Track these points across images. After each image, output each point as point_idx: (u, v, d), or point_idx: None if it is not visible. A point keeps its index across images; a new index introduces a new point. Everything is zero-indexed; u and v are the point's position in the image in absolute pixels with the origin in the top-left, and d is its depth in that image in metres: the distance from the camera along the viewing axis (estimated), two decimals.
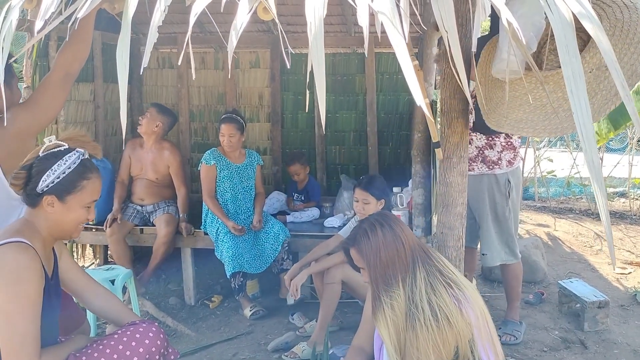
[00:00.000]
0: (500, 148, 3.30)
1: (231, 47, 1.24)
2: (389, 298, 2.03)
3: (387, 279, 2.06)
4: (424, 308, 1.95)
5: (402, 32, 1.20)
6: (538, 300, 4.00)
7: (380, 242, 2.08)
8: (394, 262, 2.06)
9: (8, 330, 1.69)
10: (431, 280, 2.02)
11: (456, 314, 1.93)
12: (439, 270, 2.06)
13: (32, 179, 1.85)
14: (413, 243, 2.13)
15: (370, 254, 2.09)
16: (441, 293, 1.98)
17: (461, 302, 1.97)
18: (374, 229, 2.12)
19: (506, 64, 1.69)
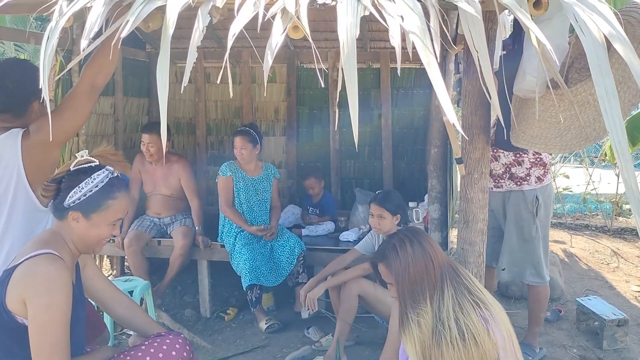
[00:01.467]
0: (528, 164, 3.20)
1: (267, 67, 1.27)
2: (416, 315, 2.02)
3: (415, 295, 2.05)
4: (451, 326, 1.94)
5: (433, 50, 1.23)
6: (555, 317, 3.97)
7: (410, 258, 2.08)
8: (422, 278, 2.06)
9: (40, 341, 1.72)
10: (459, 299, 2.01)
11: (483, 334, 1.92)
12: (467, 288, 2.05)
13: (60, 193, 1.89)
14: (442, 260, 2.12)
15: (399, 270, 2.09)
16: (469, 312, 1.97)
17: (488, 322, 1.96)
18: (403, 244, 2.11)
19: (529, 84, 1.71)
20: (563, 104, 1.78)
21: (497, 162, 3.25)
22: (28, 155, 2.07)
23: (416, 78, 5.13)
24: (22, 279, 1.76)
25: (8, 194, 2.09)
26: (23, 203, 2.09)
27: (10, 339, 1.78)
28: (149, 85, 5.31)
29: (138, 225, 4.24)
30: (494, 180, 3.28)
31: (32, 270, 1.76)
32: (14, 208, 2.09)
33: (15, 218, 2.10)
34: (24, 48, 14.82)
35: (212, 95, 5.46)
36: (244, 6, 1.36)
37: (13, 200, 2.09)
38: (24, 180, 2.08)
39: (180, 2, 1.35)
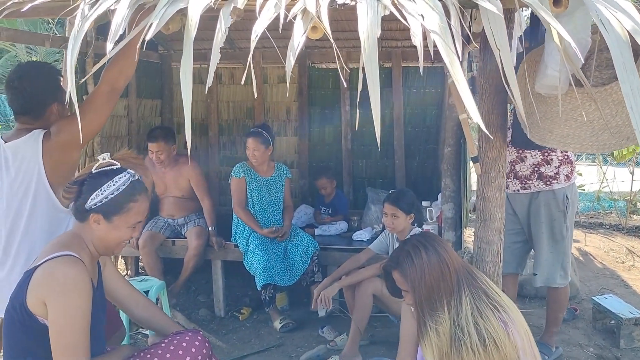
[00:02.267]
0: (557, 163, 3.12)
1: (289, 67, 1.27)
2: (434, 322, 2.00)
3: (432, 302, 2.03)
4: (471, 332, 1.93)
5: (455, 49, 1.23)
6: (571, 316, 3.95)
7: (425, 265, 2.05)
8: (438, 285, 2.03)
9: (60, 342, 1.74)
10: (477, 304, 1.99)
11: (504, 338, 1.91)
12: (484, 292, 2.04)
13: (82, 195, 1.90)
14: (458, 265, 2.10)
15: (414, 278, 2.06)
16: (488, 316, 1.95)
17: (508, 325, 1.94)
18: (418, 251, 2.09)
19: (551, 79, 1.70)
20: (593, 102, 1.76)
21: (523, 163, 3.19)
22: (49, 156, 2.10)
23: (428, 77, 5.12)
24: (42, 281, 1.78)
25: (29, 195, 2.12)
26: (44, 204, 2.12)
27: (32, 339, 1.80)
28: (161, 87, 5.34)
29: (152, 225, 4.27)
30: (521, 181, 3.22)
31: (52, 272, 1.78)
32: (35, 209, 2.12)
33: (36, 219, 2.12)
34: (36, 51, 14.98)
35: (224, 96, 5.48)
36: (265, 7, 1.37)
37: (34, 201, 2.12)
38: (45, 181, 2.11)
39: (201, 4, 1.36)
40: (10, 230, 2.15)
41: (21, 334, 1.81)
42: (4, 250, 2.19)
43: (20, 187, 2.13)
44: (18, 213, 2.13)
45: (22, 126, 2.21)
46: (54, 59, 13.04)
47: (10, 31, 3.46)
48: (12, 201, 2.13)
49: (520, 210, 3.26)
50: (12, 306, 1.82)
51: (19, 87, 2.20)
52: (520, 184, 3.23)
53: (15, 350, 1.83)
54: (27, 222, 2.13)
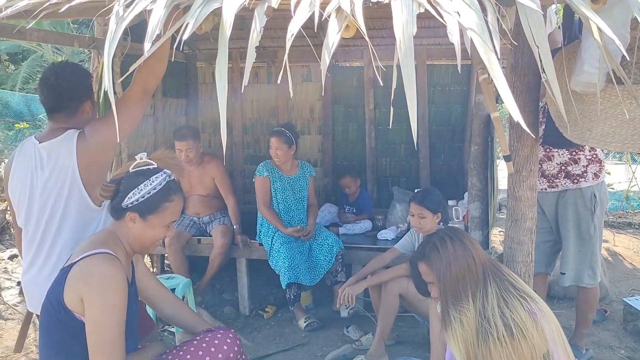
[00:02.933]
0: (585, 162, 3.10)
1: (324, 66, 1.27)
2: (459, 313, 2.00)
3: (457, 293, 2.03)
4: (497, 323, 1.92)
5: (493, 47, 1.21)
6: (601, 318, 3.87)
7: (451, 255, 2.06)
8: (464, 276, 2.04)
9: (96, 339, 1.76)
10: (504, 295, 1.98)
11: (531, 328, 1.90)
12: (511, 284, 2.03)
13: (119, 194, 1.93)
14: (483, 257, 2.10)
15: (440, 268, 2.07)
16: (515, 307, 1.94)
17: (536, 315, 1.93)
18: (444, 242, 2.10)
19: (589, 76, 1.66)
20: (634, 100, 1.72)
21: (550, 162, 3.16)
22: (83, 156, 2.13)
23: (453, 74, 5.07)
24: (79, 278, 1.80)
25: (63, 193, 2.15)
26: (77, 202, 2.15)
27: (70, 336, 1.83)
28: (187, 86, 5.38)
29: (178, 224, 4.30)
30: (548, 180, 3.19)
31: (89, 269, 1.80)
32: (68, 207, 2.15)
33: (68, 218, 2.16)
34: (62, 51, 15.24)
35: (248, 95, 5.50)
36: (300, 6, 1.37)
37: (67, 200, 2.15)
38: (79, 180, 2.13)
39: (236, 4, 1.36)
40: (45, 229, 2.18)
41: (58, 330, 1.84)
42: (37, 249, 2.22)
43: (54, 187, 2.16)
44: (52, 212, 2.17)
45: (56, 125, 2.25)
46: (79, 59, 13.28)
47: (40, 32, 3.51)
48: (47, 201, 2.17)
49: (548, 209, 3.24)
50: (49, 303, 1.86)
51: (55, 83, 2.24)
52: (548, 183, 3.19)
53: (52, 347, 1.86)
54: (60, 221, 2.16)
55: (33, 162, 2.21)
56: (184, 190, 4.32)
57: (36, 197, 2.19)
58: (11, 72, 16.69)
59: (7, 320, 3.91)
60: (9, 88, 14.84)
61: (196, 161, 4.26)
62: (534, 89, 2.21)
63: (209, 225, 4.38)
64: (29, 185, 2.21)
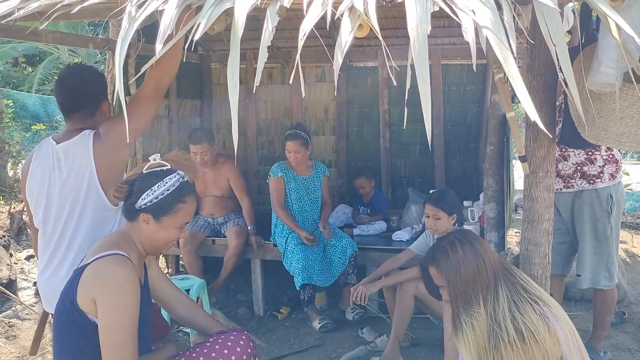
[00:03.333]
0: (602, 162, 3.07)
1: (337, 65, 1.26)
2: (469, 317, 1.97)
3: (468, 297, 2.00)
4: (508, 327, 1.89)
5: (509, 46, 1.19)
6: (619, 320, 3.81)
7: (460, 259, 2.03)
8: (474, 280, 2.00)
9: (109, 340, 1.76)
10: (515, 299, 1.95)
11: (544, 332, 1.86)
12: (523, 287, 1.99)
13: (132, 195, 1.93)
14: (494, 260, 2.06)
15: (450, 272, 2.04)
16: (527, 311, 1.91)
17: (549, 319, 1.89)
18: (454, 246, 2.06)
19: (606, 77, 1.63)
20: None
21: (566, 162, 3.12)
22: (99, 156, 2.14)
23: (469, 74, 5.02)
24: (92, 279, 1.81)
25: (80, 194, 2.16)
26: (94, 202, 2.16)
27: (82, 337, 1.83)
28: (201, 87, 5.40)
29: (192, 224, 4.32)
30: (564, 180, 3.16)
31: (101, 271, 1.81)
32: (85, 207, 2.16)
33: (86, 218, 2.17)
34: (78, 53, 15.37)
35: (262, 96, 5.50)
36: (312, 5, 1.35)
37: (85, 199, 2.16)
38: (96, 181, 2.14)
39: (248, 4, 1.35)
40: (62, 230, 2.20)
41: (71, 331, 1.84)
42: (54, 249, 2.23)
43: (72, 188, 2.17)
44: (70, 213, 2.18)
45: (72, 126, 2.25)
46: (94, 61, 13.42)
47: (55, 34, 3.55)
48: (65, 201, 2.18)
49: (564, 210, 3.20)
50: (62, 303, 1.86)
51: (74, 84, 2.26)
52: (563, 183, 3.16)
53: (65, 347, 1.87)
54: (77, 221, 2.18)
55: (50, 163, 2.22)
56: (198, 191, 4.38)
57: (54, 198, 2.20)
58: (28, 74, 16.90)
59: (24, 320, 3.95)
60: (26, 90, 15.03)
61: (211, 163, 4.28)
62: (551, 88, 2.17)
63: (223, 226, 4.39)
64: (47, 186, 2.22)
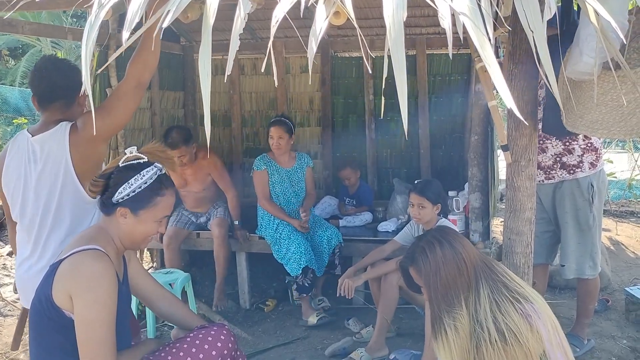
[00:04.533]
0: (580, 152, 3.07)
1: (311, 54, 1.23)
2: (452, 319, 1.94)
3: (449, 299, 1.97)
4: (489, 327, 1.86)
5: (486, 32, 1.17)
6: (603, 307, 3.84)
7: (440, 261, 2.00)
8: (455, 280, 1.97)
9: (86, 336, 1.74)
10: (496, 298, 1.92)
11: (525, 332, 1.84)
12: (504, 285, 1.96)
13: (109, 189, 1.90)
14: (475, 258, 2.03)
15: (429, 274, 2.01)
16: (508, 310, 1.88)
17: (531, 317, 1.87)
18: (433, 246, 2.03)
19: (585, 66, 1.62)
20: (625, 86, 1.68)
21: (545, 154, 3.12)
22: (75, 149, 2.12)
23: (454, 64, 5.01)
24: (67, 274, 1.78)
25: (57, 186, 2.14)
26: (71, 195, 2.14)
27: (59, 334, 1.80)
28: (184, 79, 5.34)
29: (176, 221, 4.26)
30: (545, 172, 3.16)
31: (77, 266, 1.77)
32: (62, 200, 2.14)
33: (64, 210, 2.15)
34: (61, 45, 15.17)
35: (247, 87, 5.46)
36: None
37: (61, 193, 2.14)
38: (72, 173, 2.12)
39: None
40: (40, 223, 2.17)
41: (47, 327, 1.81)
42: (33, 243, 2.21)
43: (47, 180, 2.14)
44: (47, 205, 2.15)
45: (49, 118, 2.23)
46: (77, 54, 13.24)
47: (33, 24, 3.48)
48: (41, 194, 2.16)
49: (546, 200, 3.21)
50: (37, 299, 1.83)
51: (50, 74, 2.23)
52: (545, 175, 3.16)
53: (42, 343, 1.84)
54: (55, 214, 2.15)
55: (26, 155, 2.19)
56: (178, 186, 4.31)
57: (30, 190, 2.18)
58: (11, 67, 16.67)
59: (6, 316, 3.90)
60: (9, 83, 14.82)
61: (191, 162, 4.15)
62: (532, 77, 2.16)
63: (208, 222, 4.33)
64: (23, 179, 2.19)
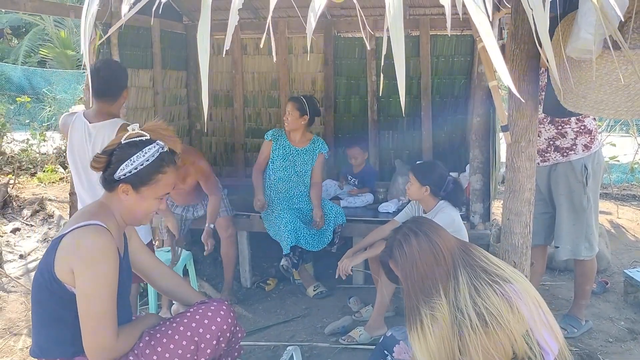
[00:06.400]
0: (573, 135, 3.09)
1: (310, 30, 1.22)
2: (430, 309, 1.93)
3: (427, 289, 1.96)
4: (470, 314, 1.86)
5: (486, 11, 1.16)
6: (602, 289, 3.87)
7: (416, 251, 1.99)
8: (432, 270, 1.96)
9: (87, 310, 1.76)
10: (475, 283, 1.92)
11: (506, 313, 1.84)
12: (482, 269, 1.96)
13: (111, 165, 1.91)
14: (452, 246, 2.02)
15: (406, 265, 2.00)
16: (487, 294, 1.88)
17: (511, 298, 1.87)
18: (409, 238, 2.02)
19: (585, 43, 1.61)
20: (630, 66, 1.67)
21: (539, 138, 3.13)
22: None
23: (457, 45, 4.98)
24: (69, 249, 1.80)
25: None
26: None
27: (62, 307, 1.83)
28: (186, 58, 5.32)
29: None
30: (540, 155, 3.18)
31: (78, 241, 1.80)
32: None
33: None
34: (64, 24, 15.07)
35: (249, 67, 5.44)
36: None
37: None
38: None
39: None
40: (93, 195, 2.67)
41: (50, 301, 1.84)
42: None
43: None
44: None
45: (101, 109, 2.89)
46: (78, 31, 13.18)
47: (35, 2, 3.46)
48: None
49: (541, 182, 3.24)
50: (40, 273, 1.86)
51: (103, 74, 2.82)
52: (540, 157, 3.19)
53: (44, 317, 1.87)
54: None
55: (84, 135, 2.86)
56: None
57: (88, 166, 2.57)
58: (14, 45, 16.61)
59: (10, 292, 3.95)
60: (12, 62, 14.78)
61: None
62: (534, 57, 2.15)
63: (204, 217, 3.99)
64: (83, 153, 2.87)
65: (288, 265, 3.81)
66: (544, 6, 1.33)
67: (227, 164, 5.70)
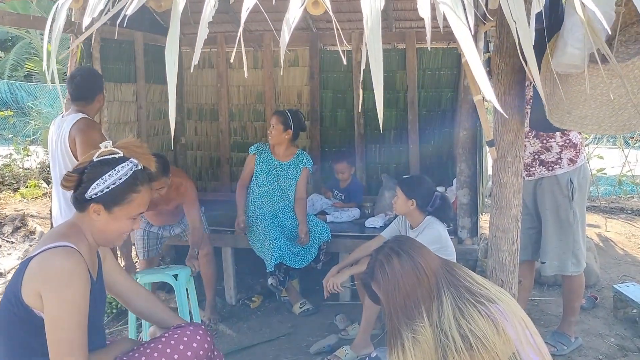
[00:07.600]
0: (558, 149, 3.06)
1: (283, 43, 1.17)
2: (412, 332, 1.87)
3: (408, 311, 1.90)
4: (454, 336, 1.81)
5: (467, 23, 1.12)
6: (591, 304, 3.82)
7: (398, 272, 1.93)
8: (415, 291, 1.91)
9: (56, 335, 1.68)
10: (459, 304, 1.86)
11: (492, 335, 1.78)
12: (467, 289, 1.90)
13: (82, 184, 1.83)
14: (435, 266, 1.97)
15: (387, 287, 1.94)
16: (472, 316, 1.82)
17: (497, 319, 1.82)
18: (390, 259, 1.97)
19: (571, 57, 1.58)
20: (615, 80, 1.64)
21: (524, 152, 3.10)
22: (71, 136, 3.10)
23: (443, 58, 4.97)
24: (37, 272, 1.72)
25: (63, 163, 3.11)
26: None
27: (28, 333, 1.74)
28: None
29: (146, 250, 3.85)
30: (525, 169, 3.12)
31: (47, 264, 1.71)
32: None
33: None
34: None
35: (235, 81, 5.40)
36: None
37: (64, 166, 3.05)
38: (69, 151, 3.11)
39: None
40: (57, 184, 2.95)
41: (16, 326, 1.75)
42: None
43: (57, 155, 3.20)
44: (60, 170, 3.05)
45: (76, 109, 3.20)
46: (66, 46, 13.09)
47: (13, 15, 3.40)
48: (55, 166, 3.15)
49: (527, 197, 3.18)
50: (6, 297, 1.76)
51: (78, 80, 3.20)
52: (525, 172, 3.14)
53: (12, 342, 1.78)
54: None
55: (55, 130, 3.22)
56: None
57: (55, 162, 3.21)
58: (0, 59, 16.47)
59: None
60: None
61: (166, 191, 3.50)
62: (520, 71, 2.12)
63: (184, 232, 3.95)
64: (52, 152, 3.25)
65: (277, 283, 3.75)
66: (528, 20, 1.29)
67: (212, 178, 5.64)
